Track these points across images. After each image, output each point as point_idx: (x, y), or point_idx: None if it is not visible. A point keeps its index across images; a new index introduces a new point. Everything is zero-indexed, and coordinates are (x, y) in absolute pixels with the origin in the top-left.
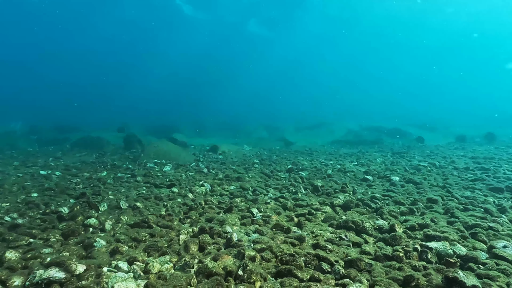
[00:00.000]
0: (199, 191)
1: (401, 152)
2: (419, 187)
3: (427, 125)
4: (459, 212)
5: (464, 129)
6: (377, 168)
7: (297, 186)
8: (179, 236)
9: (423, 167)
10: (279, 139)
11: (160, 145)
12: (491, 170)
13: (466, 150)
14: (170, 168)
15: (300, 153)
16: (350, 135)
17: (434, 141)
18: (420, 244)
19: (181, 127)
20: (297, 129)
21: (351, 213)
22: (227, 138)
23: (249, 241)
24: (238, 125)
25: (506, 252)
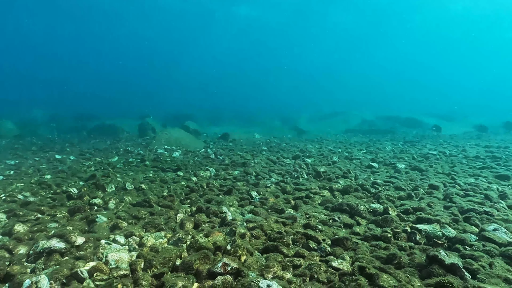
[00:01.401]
0: (204, 175)
1: (413, 141)
2: (424, 174)
3: (445, 114)
4: (458, 198)
5: (483, 119)
6: (384, 156)
7: (300, 171)
8: (177, 215)
9: (432, 155)
10: (292, 128)
11: (171, 132)
12: (502, 158)
13: (482, 139)
14: (179, 154)
15: (310, 141)
16: (365, 125)
17: (452, 131)
18: (410, 226)
19: (198, 116)
20: (311, 119)
21: (348, 197)
22: (241, 127)
23: (242, 220)
24: (254, 115)
25: (496, 234)
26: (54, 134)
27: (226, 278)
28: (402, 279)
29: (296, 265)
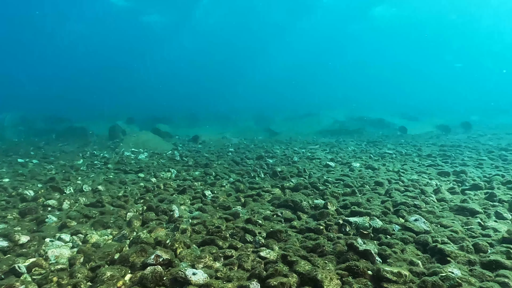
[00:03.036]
0: (164, 176)
1: (376, 142)
2: (376, 172)
3: (411, 115)
4: (397, 193)
5: (446, 119)
6: (344, 156)
7: (258, 171)
8: (127, 214)
9: (388, 155)
10: (265, 129)
11: (140, 135)
12: (451, 157)
13: (440, 138)
14: (145, 156)
15: (279, 143)
16: (336, 125)
17: (416, 131)
18: (343, 219)
19: (174, 118)
20: (285, 119)
21: (297, 194)
22: (215, 129)
23: (189, 217)
24: (229, 116)
25: (415, 224)
26: (21, 138)
27: (156, 268)
28: (320, 264)
29: (228, 255)
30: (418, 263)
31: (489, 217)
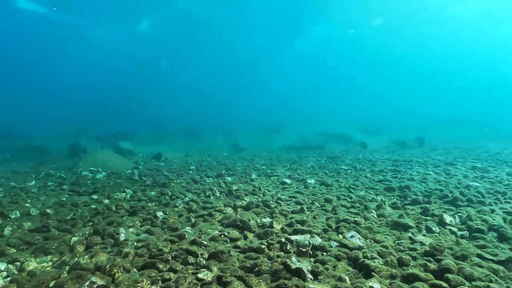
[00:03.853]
0: (119, 197)
1: (336, 157)
2: (328, 188)
3: (372, 129)
4: (342, 209)
5: (404, 134)
6: (302, 172)
7: (214, 190)
8: (72, 239)
9: (344, 171)
10: (231, 145)
11: (100, 153)
12: (401, 172)
13: (395, 153)
14: (103, 176)
15: (242, 159)
16: (301, 141)
17: (376, 146)
18: (285, 237)
19: (140, 134)
20: (253, 134)
21: (247, 213)
22: (181, 145)
23: (134, 240)
24: (197, 131)
25: (351, 240)
26: None
27: None
28: (254, 284)
29: (166, 278)
30: (346, 279)
31: (420, 231)
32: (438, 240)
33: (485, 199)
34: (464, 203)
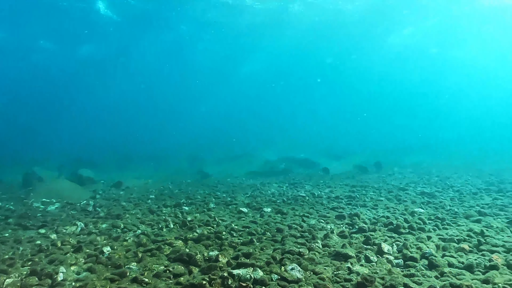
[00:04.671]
0: (68, 231)
1: (297, 183)
2: (284, 216)
3: (336, 154)
4: (291, 240)
5: (368, 157)
6: (261, 200)
7: (169, 221)
8: (6, 281)
9: (301, 197)
10: (198, 171)
11: (55, 182)
12: (356, 198)
13: (355, 178)
14: (55, 208)
15: (205, 187)
16: (266, 166)
17: (338, 170)
18: (228, 271)
19: (103, 160)
20: (219, 160)
21: (197, 246)
22: (146, 171)
23: (74, 280)
24: (163, 156)
25: (291, 273)
26: None
27: None
28: None
29: None
30: None
31: (359, 261)
32: (373, 270)
33: (426, 225)
34: (406, 230)
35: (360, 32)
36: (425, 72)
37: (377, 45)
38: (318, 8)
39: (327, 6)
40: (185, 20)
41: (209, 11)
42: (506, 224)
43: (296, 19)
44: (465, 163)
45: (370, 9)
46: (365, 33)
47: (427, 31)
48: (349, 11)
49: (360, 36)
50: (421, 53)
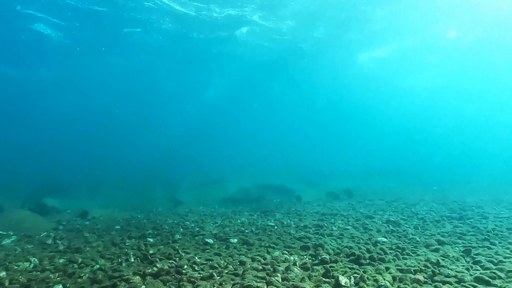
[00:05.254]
0: (20, 267)
1: (268, 211)
2: (249, 248)
3: (310, 180)
4: (252, 273)
5: (342, 184)
6: (229, 230)
7: (130, 255)
8: None
9: (270, 227)
10: (170, 198)
11: (15, 213)
12: (324, 227)
13: (325, 206)
14: (11, 241)
15: (175, 215)
16: (241, 193)
17: (311, 197)
18: None
19: (71, 188)
20: (194, 186)
21: (155, 282)
22: (117, 198)
23: None
24: (136, 182)
25: None
26: None
27: None
28: None
29: None
30: None
31: None
32: None
33: (387, 255)
34: (367, 261)
35: (322, 58)
36: (391, 98)
37: (339, 71)
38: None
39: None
40: (143, 48)
41: (160, 41)
42: (462, 254)
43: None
44: (433, 189)
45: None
46: (325, 60)
47: (388, 57)
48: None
49: (322, 64)
50: (383, 78)
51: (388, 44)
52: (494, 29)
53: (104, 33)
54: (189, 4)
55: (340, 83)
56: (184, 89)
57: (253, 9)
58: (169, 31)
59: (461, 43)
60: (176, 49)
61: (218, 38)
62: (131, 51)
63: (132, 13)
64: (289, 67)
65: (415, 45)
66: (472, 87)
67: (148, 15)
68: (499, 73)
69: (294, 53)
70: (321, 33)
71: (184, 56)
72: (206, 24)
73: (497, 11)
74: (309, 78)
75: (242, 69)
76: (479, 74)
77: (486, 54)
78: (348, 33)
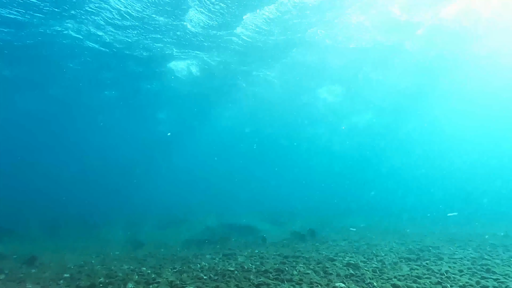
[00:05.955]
0: None
1: (231, 254)
2: None
3: (278, 219)
4: None
5: (310, 223)
6: (187, 276)
7: None
8: None
9: (230, 272)
10: (131, 240)
11: None
12: (284, 271)
13: (290, 247)
14: None
15: (133, 260)
16: (206, 233)
17: (277, 238)
18: None
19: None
20: (159, 225)
21: None
22: (73, 240)
23: None
24: (96, 223)
25: None
26: None
27: None
28: None
29: None
30: None
31: None
32: None
33: None
34: None
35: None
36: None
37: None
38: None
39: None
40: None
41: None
42: None
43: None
44: (395, 227)
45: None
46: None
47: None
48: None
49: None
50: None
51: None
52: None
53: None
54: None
55: (299, 120)
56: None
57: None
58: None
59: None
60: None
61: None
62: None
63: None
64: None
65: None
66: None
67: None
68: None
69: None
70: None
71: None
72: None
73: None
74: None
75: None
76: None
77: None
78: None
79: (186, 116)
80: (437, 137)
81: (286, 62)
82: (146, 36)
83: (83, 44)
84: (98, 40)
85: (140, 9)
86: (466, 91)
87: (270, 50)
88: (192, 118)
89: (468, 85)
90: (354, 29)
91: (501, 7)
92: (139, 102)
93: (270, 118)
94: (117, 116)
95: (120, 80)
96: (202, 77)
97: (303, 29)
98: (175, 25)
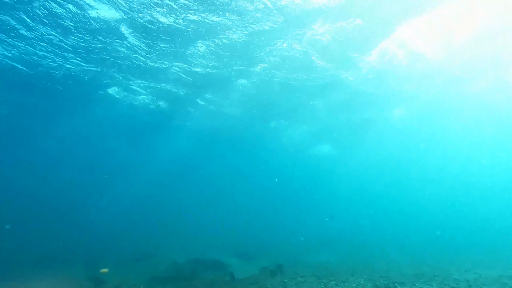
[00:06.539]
0: None
1: None
2: None
3: (247, 253)
4: None
5: (280, 257)
6: None
7: None
8: None
9: None
10: (91, 278)
11: None
12: None
13: (258, 284)
14: None
15: None
16: (172, 270)
17: (246, 273)
18: None
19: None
20: (123, 261)
21: None
22: (31, 276)
23: None
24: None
25: None
26: None
27: None
28: None
29: None
30: None
31: None
32: None
33: None
34: None
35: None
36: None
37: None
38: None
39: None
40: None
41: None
42: None
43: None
44: (365, 262)
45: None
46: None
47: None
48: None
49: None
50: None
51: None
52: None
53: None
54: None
55: (265, 153)
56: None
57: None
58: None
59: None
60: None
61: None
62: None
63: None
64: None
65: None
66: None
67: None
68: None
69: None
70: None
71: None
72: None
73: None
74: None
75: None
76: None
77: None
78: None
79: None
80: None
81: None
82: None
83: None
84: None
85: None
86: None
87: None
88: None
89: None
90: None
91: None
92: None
93: (227, 147)
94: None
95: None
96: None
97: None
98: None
